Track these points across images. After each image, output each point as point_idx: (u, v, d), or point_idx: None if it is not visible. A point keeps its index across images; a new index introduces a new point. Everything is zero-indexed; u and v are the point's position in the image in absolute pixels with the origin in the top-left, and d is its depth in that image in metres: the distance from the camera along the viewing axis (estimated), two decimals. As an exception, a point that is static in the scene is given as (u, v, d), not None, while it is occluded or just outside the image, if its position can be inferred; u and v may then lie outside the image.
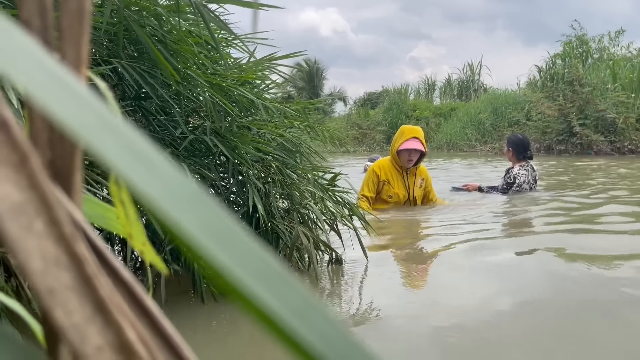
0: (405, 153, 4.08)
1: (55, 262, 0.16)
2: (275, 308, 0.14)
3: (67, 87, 0.16)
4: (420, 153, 4.11)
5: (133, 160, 0.15)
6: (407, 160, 4.09)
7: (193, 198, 0.15)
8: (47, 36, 0.20)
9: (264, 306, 0.14)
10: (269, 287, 0.14)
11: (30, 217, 0.16)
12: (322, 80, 27.99)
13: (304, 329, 0.14)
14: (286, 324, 0.14)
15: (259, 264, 0.15)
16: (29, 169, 0.17)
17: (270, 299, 0.14)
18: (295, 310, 0.14)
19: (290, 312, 0.14)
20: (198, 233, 0.14)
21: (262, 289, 0.14)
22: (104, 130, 0.15)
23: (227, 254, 0.14)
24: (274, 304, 0.14)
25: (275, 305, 0.14)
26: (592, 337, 1.52)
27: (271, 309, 0.14)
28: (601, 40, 16.53)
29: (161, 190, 0.15)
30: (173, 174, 0.15)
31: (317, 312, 0.15)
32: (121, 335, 0.16)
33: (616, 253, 2.40)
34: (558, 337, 1.52)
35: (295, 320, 0.14)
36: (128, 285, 0.18)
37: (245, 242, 0.15)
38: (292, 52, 2.25)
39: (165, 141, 1.90)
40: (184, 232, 0.14)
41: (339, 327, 0.15)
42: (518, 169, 4.80)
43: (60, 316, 0.15)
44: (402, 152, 4.09)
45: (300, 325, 0.14)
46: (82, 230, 0.19)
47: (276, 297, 0.14)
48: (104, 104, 0.16)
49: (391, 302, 1.88)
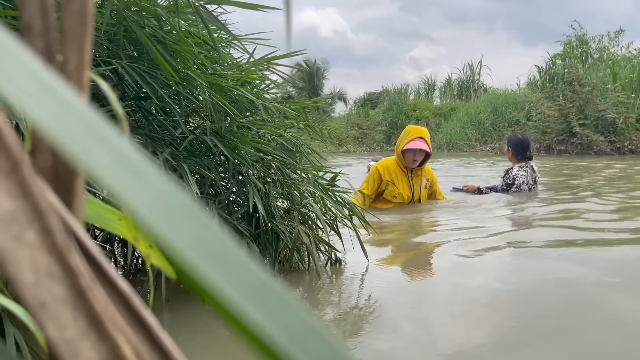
0: (410, 153, 4.03)
1: (48, 274, 0.15)
2: (271, 332, 0.13)
3: (51, 91, 0.15)
4: (425, 154, 4.08)
5: (121, 170, 0.14)
6: (412, 161, 4.04)
7: (184, 211, 0.14)
8: (49, 38, 0.19)
9: (258, 329, 0.13)
10: (264, 309, 0.14)
11: (22, 226, 0.15)
12: (323, 80, 27.98)
13: (302, 355, 0.13)
14: (282, 349, 0.13)
15: (254, 282, 0.14)
16: (21, 176, 0.16)
17: (265, 321, 0.13)
18: (292, 333, 0.13)
19: (287, 336, 0.13)
20: (187, 249, 0.14)
21: (257, 311, 0.13)
22: (90, 138, 0.15)
23: (219, 272, 0.14)
24: (270, 328, 0.13)
25: (271, 328, 0.13)
26: (590, 334, 1.51)
27: (266, 333, 0.13)
28: (601, 41, 16.53)
29: (151, 202, 0.14)
30: (164, 185, 0.15)
31: (316, 335, 0.14)
32: (116, 350, 0.15)
33: (613, 254, 2.40)
34: (559, 335, 1.51)
35: (292, 346, 0.13)
36: (125, 297, 0.17)
37: (240, 258, 0.14)
38: (286, 54, 2.24)
39: (166, 141, 1.90)
40: (171, 248, 0.14)
41: (339, 352, 0.14)
42: (517, 170, 4.78)
43: (52, 331, 0.15)
44: (407, 152, 4.04)
45: (297, 351, 0.13)
46: (77, 239, 0.18)
47: (272, 319, 0.13)
48: (92, 109, 0.15)
49: (391, 301, 1.87)
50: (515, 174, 4.74)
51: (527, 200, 4.36)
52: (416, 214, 3.96)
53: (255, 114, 2.11)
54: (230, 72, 2.06)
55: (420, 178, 4.21)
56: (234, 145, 1.97)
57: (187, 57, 1.81)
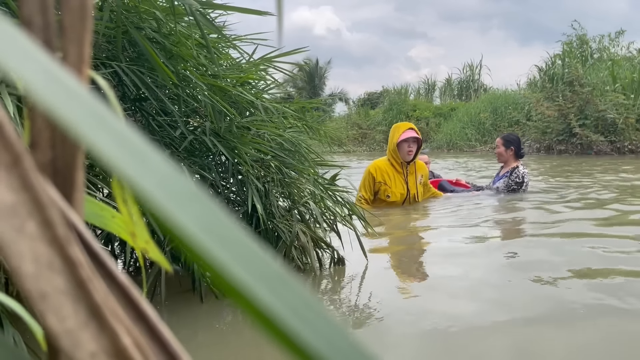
0: (405, 144, 4.15)
1: (48, 265, 0.15)
2: (277, 310, 0.14)
3: (64, 83, 0.15)
4: (418, 143, 4.20)
5: (129, 155, 0.15)
6: (407, 152, 4.16)
7: (190, 195, 0.15)
8: (49, 34, 0.20)
9: (265, 308, 0.14)
10: (269, 288, 0.14)
11: (23, 219, 0.16)
12: (323, 80, 27.95)
13: (305, 331, 0.14)
14: (287, 325, 0.14)
15: (259, 264, 0.14)
16: (22, 169, 0.16)
17: (271, 300, 0.14)
18: (296, 312, 0.14)
19: (292, 314, 0.14)
20: (197, 231, 0.14)
21: (263, 290, 0.14)
22: (100, 126, 0.15)
23: (228, 254, 0.14)
24: (276, 306, 0.14)
25: (277, 307, 0.14)
26: (580, 334, 1.52)
27: (273, 311, 0.14)
28: (601, 41, 16.52)
29: (158, 186, 0.14)
30: (169, 171, 0.15)
31: (318, 313, 0.14)
32: (116, 341, 0.16)
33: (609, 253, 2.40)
34: (550, 332, 1.51)
35: (296, 322, 0.14)
36: (124, 289, 0.17)
37: (245, 242, 0.15)
38: (287, 52, 2.24)
39: (165, 141, 1.90)
40: (183, 230, 0.14)
41: (340, 329, 0.14)
42: (523, 168, 4.78)
43: (53, 322, 0.15)
44: (401, 144, 4.16)
45: (301, 327, 0.14)
46: (78, 232, 0.18)
47: (277, 298, 0.14)
48: (102, 101, 0.16)
49: (391, 301, 1.88)
50: (523, 172, 4.74)
51: (525, 199, 4.36)
52: (414, 212, 3.96)
53: (255, 114, 2.11)
54: (230, 72, 2.07)
55: (414, 175, 4.28)
56: (233, 145, 1.98)
57: (187, 59, 1.81)
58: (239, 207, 2.13)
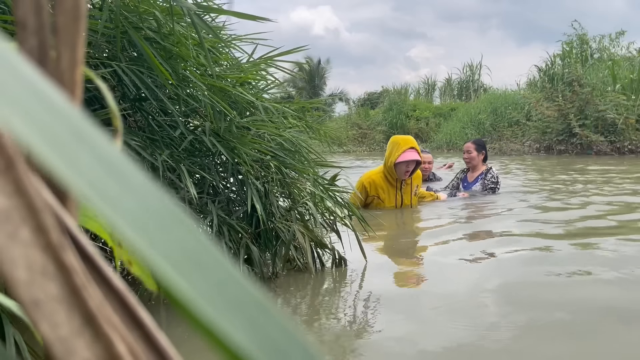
0: (403, 165, 3.94)
1: (42, 272, 0.15)
2: (248, 347, 0.13)
3: (34, 92, 0.15)
4: (418, 162, 4.03)
5: (105, 175, 0.14)
6: (405, 172, 3.96)
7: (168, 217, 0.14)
8: (43, 35, 0.19)
9: (234, 344, 0.13)
10: (244, 319, 0.13)
11: (16, 224, 0.15)
12: (323, 80, 27.92)
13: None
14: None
15: (236, 291, 0.14)
16: (15, 173, 0.16)
17: (244, 333, 0.13)
18: (273, 344, 0.13)
19: (268, 348, 0.13)
20: (166, 260, 0.13)
21: (236, 321, 0.13)
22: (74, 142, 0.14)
23: (199, 282, 0.13)
24: (248, 342, 0.13)
25: (250, 342, 0.13)
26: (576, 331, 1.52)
27: (242, 348, 0.13)
28: (601, 41, 16.50)
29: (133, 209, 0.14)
30: (149, 191, 0.14)
31: (298, 346, 0.14)
32: (111, 348, 0.15)
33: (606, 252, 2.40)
34: (549, 331, 1.51)
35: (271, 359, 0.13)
36: (120, 295, 0.17)
37: (223, 266, 0.14)
38: (286, 51, 2.24)
39: (165, 141, 1.90)
40: (148, 260, 0.13)
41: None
42: (495, 170, 4.95)
43: (45, 329, 0.15)
44: (399, 165, 3.95)
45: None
46: (72, 237, 0.18)
47: (253, 329, 0.13)
48: (77, 110, 0.15)
49: (391, 301, 1.87)
50: (496, 174, 4.89)
51: (521, 199, 4.38)
52: (415, 214, 3.96)
53: (254, 114, 2.11)
54: (229, 72, 2.06)
55: (410, 187, 4.14)
56: (233, 145, 1.97)
57: (186, 59, 1.81)
58: (239, 207, 2.12)
